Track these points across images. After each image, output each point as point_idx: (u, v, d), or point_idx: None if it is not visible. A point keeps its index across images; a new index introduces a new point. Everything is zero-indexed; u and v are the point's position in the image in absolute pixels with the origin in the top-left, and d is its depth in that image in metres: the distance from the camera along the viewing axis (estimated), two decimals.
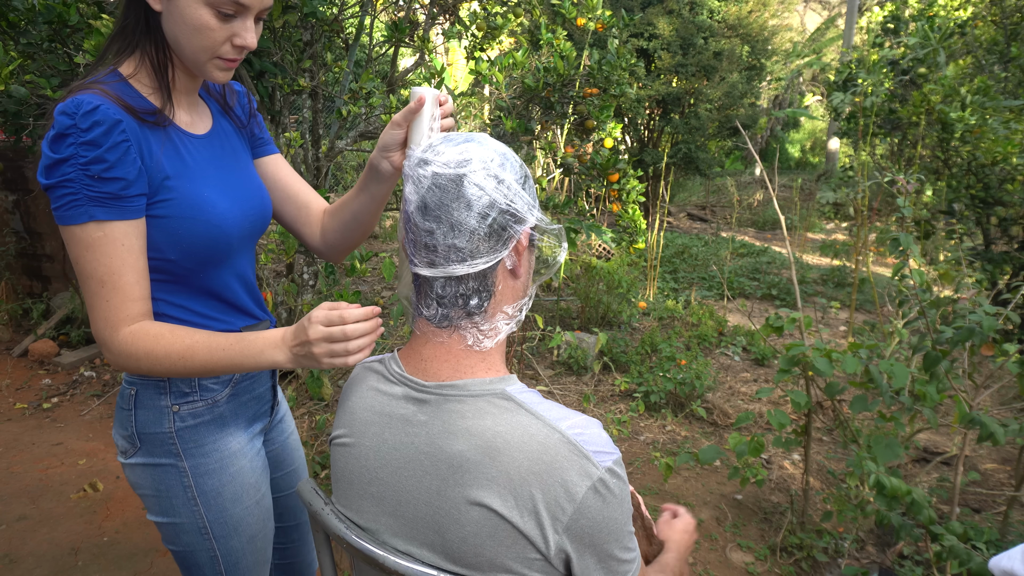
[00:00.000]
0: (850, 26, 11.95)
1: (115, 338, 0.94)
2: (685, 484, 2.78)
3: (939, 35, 3.96)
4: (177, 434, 1.06)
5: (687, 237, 7.97)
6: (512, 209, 0.81)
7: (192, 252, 1.00)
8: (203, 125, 1.08)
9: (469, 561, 0.80)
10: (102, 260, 0.92)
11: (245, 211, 1.07)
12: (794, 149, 16.85)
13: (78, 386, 3.60)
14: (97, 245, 0.91)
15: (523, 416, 0.79)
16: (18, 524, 2.37)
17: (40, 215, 4.22)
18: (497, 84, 3.38)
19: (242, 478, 1.12)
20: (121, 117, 0.91)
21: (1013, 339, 3.16)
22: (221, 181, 1.05)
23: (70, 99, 0.91)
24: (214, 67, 0.98)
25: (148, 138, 0.96)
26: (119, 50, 0.99)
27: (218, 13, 0.92)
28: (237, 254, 1.09)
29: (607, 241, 3.28)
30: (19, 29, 2.42)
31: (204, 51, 0.95)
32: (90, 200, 0.90)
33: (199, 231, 0.99)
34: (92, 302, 0.94)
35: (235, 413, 1.13)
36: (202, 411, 1.08)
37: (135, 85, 0.98)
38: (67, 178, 0.89)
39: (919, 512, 1.75)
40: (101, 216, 0.91)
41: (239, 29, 0.95)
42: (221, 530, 1.11)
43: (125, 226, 0.93)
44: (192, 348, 0.95)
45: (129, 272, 0.94)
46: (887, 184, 2.86)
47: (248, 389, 1.15)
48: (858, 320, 4.92)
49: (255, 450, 1.17)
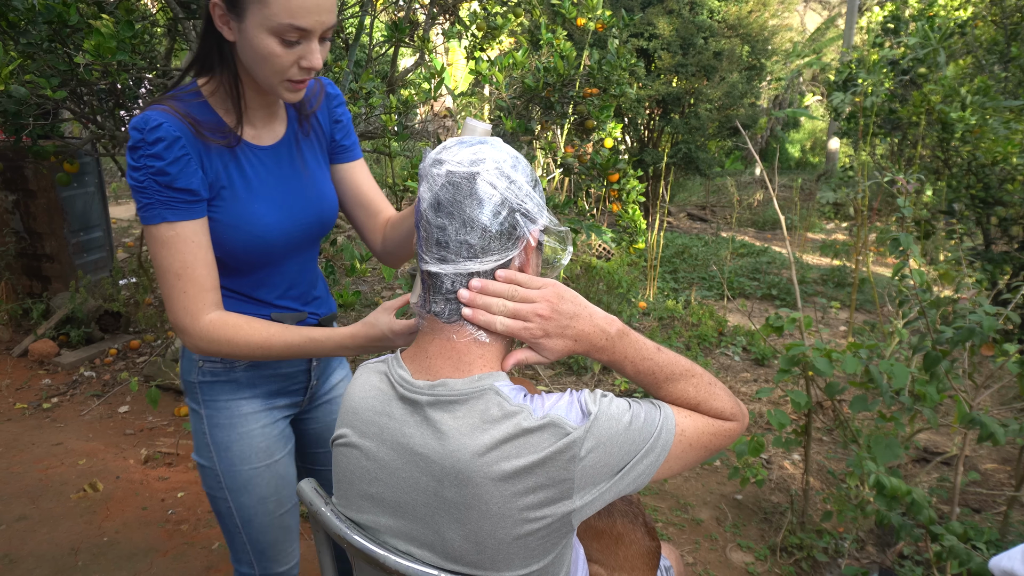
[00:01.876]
0: (850, 26, 11.94)
1: (196, 326, 1.06)
2: (685, 484, 2.78)
3: (939, 35, 3.96)
4: (200, 385, 1.22)
5: (687, 237, 7.97)
6: (523, 208, 0.84)
7: (233, 254, 1.12)
8: (272, 136, 1.17)
9: (470, 559, 0.80)
10: (176, 256, 1.04)
11: (296, 221, 1.17)
12: (794, 149, 16.85)
13: (78, 386, 3.60)
14: (171, 243, 1.04)
15: (509, 410, 0.80)
16: (18, 524, 2.37)
17: (40, 215, 4.22)
18: (497, 84, 3.38)
19: (251, 440, 1.23)
20: (181, 134, 1.02)
21: (1013, 339, 3.16)
22: (276, 192, 1.15)
23: (141, 115, 1.03)
24: (284, 89, 1.06)
25: (211, 151, 1.07)
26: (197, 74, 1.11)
27: (282, 40, 0.99)
28: (283, 259, 1.20)
29: (607, 241, 3.28)
30: (19, 29, 2.42)
31: (274, 75, 1.03)
32: (161, 204, 1.03)
33: (240, 239, 1.11)
34: (170, 294, 1.05)
35: (252, 382, 1.24)
36: (220, 371, 1.21)
37: (212, 103, 1.09)
38: (142, 185, 1.02)
39: (919, 512, 1.75)
40: (171, 218, 1.03)
41: (304, 52, 1.01)
42: (232, 483, 1.23)
43: (193, 225, 1.05)
44: (269, 341, 1.08)
45: (201, 265, 1.05)
46: (887, 184, 2.85)
47: (271, 365, 1.25)
48: (858, 320, 4.92)
49: (272, 420, 1.27)
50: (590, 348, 0.87)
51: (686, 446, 0.87)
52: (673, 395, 0.90)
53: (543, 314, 0.84)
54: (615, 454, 0.81)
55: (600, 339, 0.86)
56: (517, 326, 0.84)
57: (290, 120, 1.19)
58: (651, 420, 0.84)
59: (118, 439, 3.07)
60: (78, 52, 2.39)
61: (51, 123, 2.98)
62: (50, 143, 3.08)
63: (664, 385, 0.90)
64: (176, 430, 3.13)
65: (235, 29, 1.02)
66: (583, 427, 0.79)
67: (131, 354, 4.01)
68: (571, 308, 0.85)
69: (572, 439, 0.78)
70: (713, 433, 0.90)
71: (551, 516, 0.79)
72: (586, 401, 0.82)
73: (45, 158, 3.06)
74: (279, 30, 0.97)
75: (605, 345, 0.87)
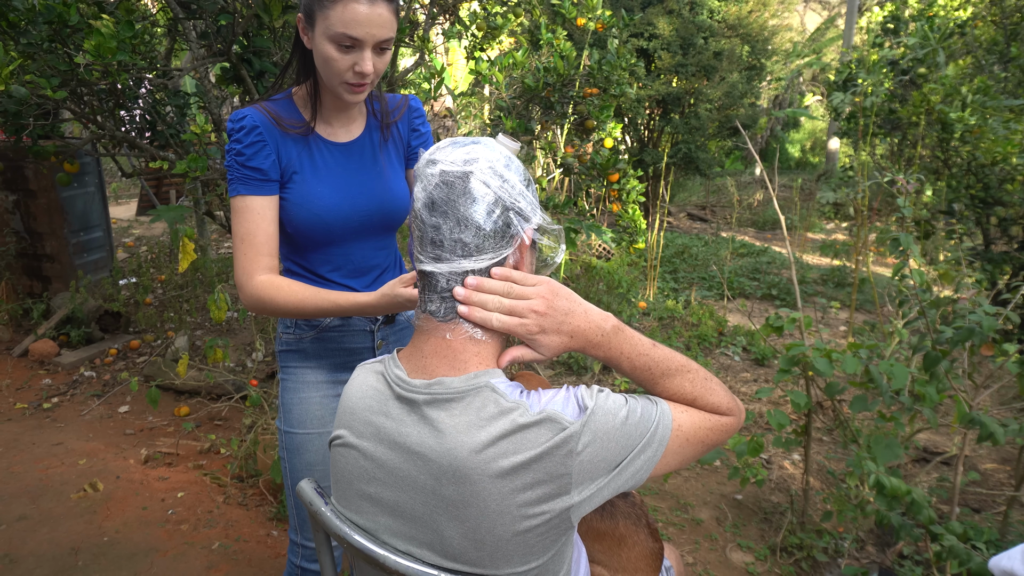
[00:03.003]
0: (850, 26, 11.94)
1: (249, 284, 1.24)
2: (685, 484, 2.78)
3: (939, 35, 3.96)
4: (279, 354, 1.43)
5: (687, 237, 7.97)
6: (517, 207, 0.85)
7: (299, 231, 1.31)
8: (347, 135, 1.35)
9: (469, 557, 0.80)
10: (243, 223, 1.24)
11: (357, 208, 1.33)
12: (794, 149, 16.85)
13: (78, 386, 3.60)
14: (241, 212, 1.24)
15: (505, 407, 0.80)
16: (18, 524, 2.37)
17: (40, 215, 4.22)
18: (497, 84, 3.38)
19: (308, 406, 1.39)
20: (260, 124, 1.24)
21: (1013, 339, 3.16)
22: (340, 180, 1.32)
23: (237, 111, 1.26)
24: (344, 90, 1.23)
25: (287, 141, 1.27)
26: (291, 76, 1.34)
27: (339, 47, 1.17)
28: (345, 241, 1.35)
29: (607, 241, 3.28)
30: (19, 29, 2.42)
31: (334, 76, 1.21)
32: (238, 180, 1.24)
33: (304, 216, 1.29)
34: (235, 255, 1.25)
35: (318, 353, 1.40)
36: (292, 341, 1.40)
37: (296, 102, 1.31)
38: (229, 164, 1.25)
39: (919, 512, 1.75)
40: (244, 191, 1.24)
41: (357, 59, 1.18)
42: (289, 443, 1.40)
43: (261, 200, 1.25)
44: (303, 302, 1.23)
45: (261, 233, 1.24)
46: (887, 184, 2.86)
47: (335, 339, 1.41)
48: (858, 320, 4.92)
49: (334, 392, 1.41)
50: (586, 344, 0.87)
51: (683, 441, 0.87)
52: (669, 391, 0.90)
53: (538, 310, 0.84)
54: (612, 449, 0.81)
55: (596, 335, 0.87)
56: (513, 322, 0.84)
57: (370, 126, 1.39)
58: (648, 415, 0.84)
59: (118, 439, 3.07)
60: (78, 52, 2.39)
61: (51, 123, 2.98)
62: (50, 143, 3.08)
63: (660, 381, 0.90)
64: (176, 430, 3.13)
65: (310, 38, 1.21)
66: (580, 421, 0.79)
67: (131, 354, 4.02)
68: (566, 304, 0.86)
69: (569, 434, 0.78)
70: (710, 428, 0.90)
71: (550, 512, 0.79)
72: (583, 396, 0.82)
73: (45, 158, 3.07)
74: (336, 38, 1.16)
75: (601, 341, 0.87)
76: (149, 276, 4.54)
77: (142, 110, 3.14)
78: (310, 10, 1.18)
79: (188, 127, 3.09)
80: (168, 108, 3.21)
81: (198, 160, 2.48)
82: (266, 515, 2.49)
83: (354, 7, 1.13)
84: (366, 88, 1.24)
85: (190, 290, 4.61)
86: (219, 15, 2.61)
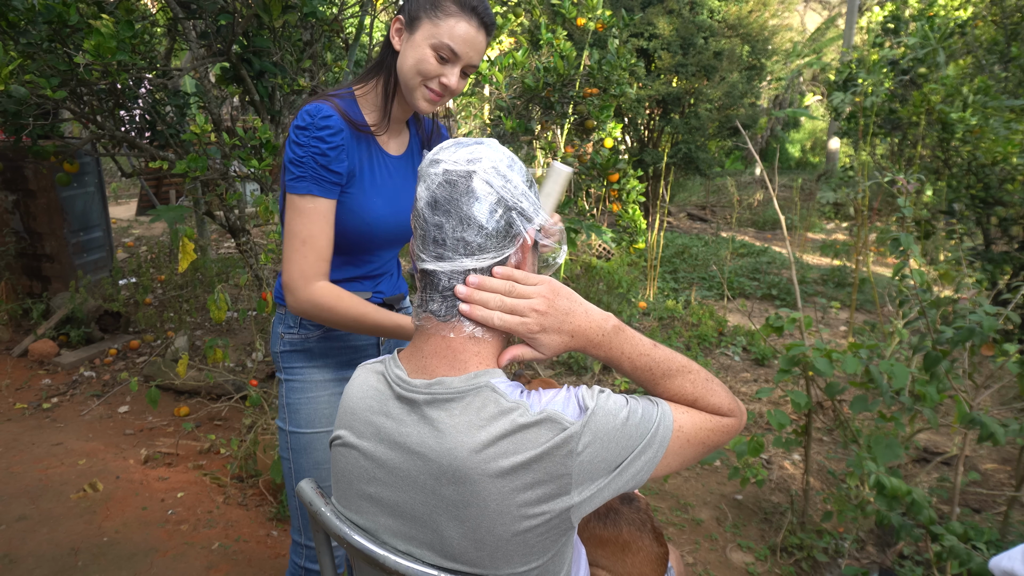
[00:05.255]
0: (850, 26, 11.94)
1: (307, 288, 1.22)
2: (685, 484, 2.78)
3: (939, 35, 3.96)
4: (281, 355, 1.41)
5: (687, 237, 7.97)
6: (519, 207, 0.85)
7: (344, 235, 1.29)
8: (398, 148, 1.39)
9: (469, 557, 0.80)
10: (308, 225, 1.22)
11: (400, 222, 1.36)
12: (794, 149, 16.85)
13: (78, 386, 3.60)
14: (308, 213, 1.22)
15: (505, 406, 0.80)
16: (18, 524, 2.37)
17: (40, 215, 4.22)
18: (497, 84, 3.38)
19: (317, 405, 1.39)
20: (343, 128, 1.24)
21: (1013, 339, 3.16)
22: (392, 192, 1.34)
23: (313, 104, 1.23)
24: (421, 96, 1.25)
25: (355, 147, 1.28)
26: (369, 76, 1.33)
27: (437, 56, 1.22)
28: (378, 248, 1.38)
29: (607, 241, 3.28)
30: (19, 29, 2.42)
31: (419, 79, 1.23)
32: (312, 179, 1.21)
33: (355, 223, 1.29)
34: (292, 256, 1.23)
35: (324, 352, 1.40)
36: (297, 342, 1.39)
37: (360, 103, 1.31)
38: (300, 160, 1.21)
39: (919, 512, 1.75)
40: (317, 192, 1.22)
41: (447, 71, 1.23)
42: (296, 443, 1.40)
43: (329, 203, 1.24)
44: (364, 317, 1.25)
45: (323, 238, 1.23)
46: (887, 184, 2.85)
47: (340, 338, 1.41)
48: (858, 320, 4.92)
49: (340, 390, 1.41)
50: (586, 344, 0.87)
51: (684, 442, 0.87)
52: (670, 391, 0.90)
53: (539, 309, 0.84)
54: (612, 449, 0.80)
55: (596, 335, 0.87)
56: (514, 321, 0.84)
57: (412, 144, 1.42)
58: (648, 416, 0.84)
59: (118, 439, 3.07)
60: (78, 52, 2.39)
61: (51, 123, 2.98)
62: (50, 143, 3.08)
63: (661, 381, 0.90)
64: (176, 430, 3.13)
65: (404, 40, 1.25)
66: (580, 422, 0.79)
67: (131, 354, 4.01)
68: (567, 304, 0.86)
69: (569, 434, 0.78)
70: (711, 429, 0.90)
71: (550, 512, 0.79)
72: (583, 396, 0.82)
73: (45, 158, 3.06)
74: (438, 47, 1.21)
75: (601, 341, 0.87)
76: (149, 276, 4.54)
77: (142, 110, 3.14)
78: (416, 15, 1.23)
79: (188, 127, 3.09)
80: (168, 108, 3.21)
81: (198, 160, 2.48)
82: (266, 515, 2.49)
83: (466, 26, 1.21)
84: (440, 102, 1.28)
85: (190, 290, 4.61)
86: (219, 15, 2.61)
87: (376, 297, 1.44)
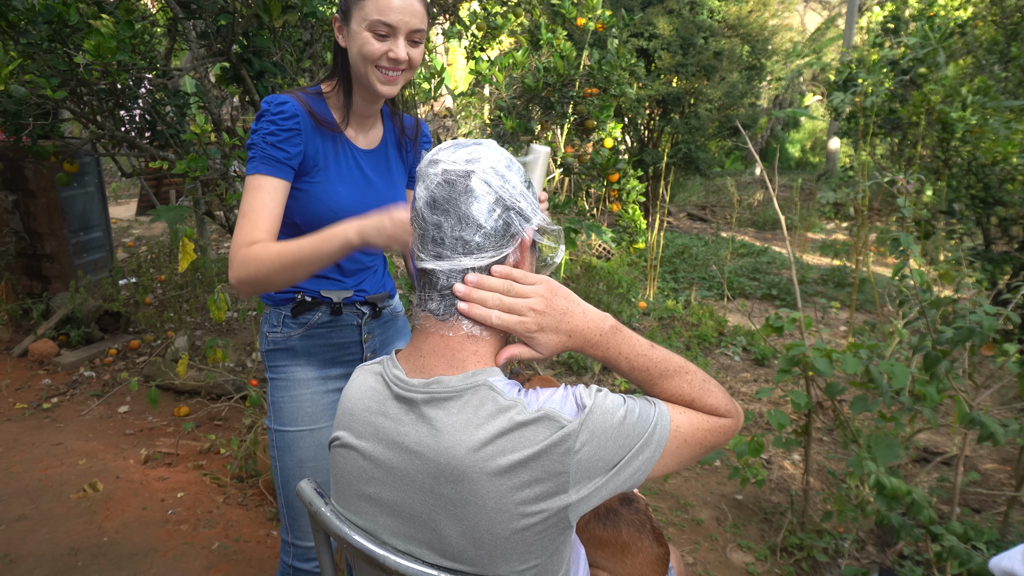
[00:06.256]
0: (850, 26, 11.94)
1: (237, 253, 1.22)
2: (685, 484, 2.78)
3: (939, 35, 3.96)
4: (266, 354, 1.43)
5: (687, 237, 7.97)
6: (517, 207, 0.86)
7: (310, 223, 1.30)
8: (367, 142, 1.42)
9: (468, 556, 0.80)
10: (250, 200, 1.25)
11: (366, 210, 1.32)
12: (794, 149, 16.85)
13: (78, 386, 3.60)
14: (252, 189, 1.26)
15: (503, 405, 0.80)
16: (18, 524, 2.37)
17: (40, 215, 4.22)
18: (497, 84, 3.38)
19: (299, 403, 1.41)
20: (299, 113, 1.28)
21: (1013, 339, 3.16)
22: (358, 183, 1.38)
23: (275, 95, 1.30)
24: (376, 78, 1.28)
25: (316, 136, 1.32)
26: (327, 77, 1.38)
27: (375, 35, 1.24)
28: None
29: (607, 241, 3.28)
30: (19, 29, 2.42)
31: (368, 62, 1.26)
32: (259, 159, 1.26)
33: (319, 211, 1.33)
34: (235, 229, 1.25)
35: (307, 351, 1.42)
36: (280, 340, 1.41)
37: (327, 100, 1.36)
38: (253, 142, 1.27)
39: (919, 512, 1.75)
40: (262, 171, 1.26)
41: (392, 45, 1.25)
42: (280, 441, 1.42)
43: (274, 182, 1.27)
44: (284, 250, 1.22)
45: (263, 211, 1.25)
46: (887, 184, 2.85)
47: (323, 335, 1.43)
48: (858, 320, 4.92)
49: (324, 389, 1.44)
50: (584, 343, 0.87)
51: (681, 442, 0.87)
52: (668, 391, 0.90)
53: (537, 308, 0.85)
54: (610, 448, 0.81)
55: (594, 334, 0.87)
56: (512, 320, 0.85)
57: (386, 141, 1.45)
58: (646, 416, 0.84)
59: (118, 439, 3.07)
60: (78, 52, 2.39)
61: (51, 123, 2.98)
62: (50, 143, 3.07)
63: (658, 381, 0.90)
64: (176, 430, 3.13)
65: (345, 34, 1.28)
66: (578, 420, 0.79)
67: (131, 354, 4.01)
68: (565, 304, 0.86)
69: (567, 432, 0.78)
70: (708, 430, 0.90)
71: (547, 511, 0.79)
72: (581, 395, 0.82)
73: (45, 158, 3.06)
74: (372, 26, 1.23)
75: (599, 341, 0.87)
76: (149, 276, 4.54)
77: (142, 110, 3.14)
78: (346, 8, 1.26)
79: (188, 127, 3.09)
80: (168, 108, 3.21)
81: (198, 160, 2.48)
82: (266, 515, 2.49)
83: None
84: (399, 79, 1.30)
85: (190, 290, 4.61)
86: (219, 15, 2.60)
87: (358, 295, 1.45)
